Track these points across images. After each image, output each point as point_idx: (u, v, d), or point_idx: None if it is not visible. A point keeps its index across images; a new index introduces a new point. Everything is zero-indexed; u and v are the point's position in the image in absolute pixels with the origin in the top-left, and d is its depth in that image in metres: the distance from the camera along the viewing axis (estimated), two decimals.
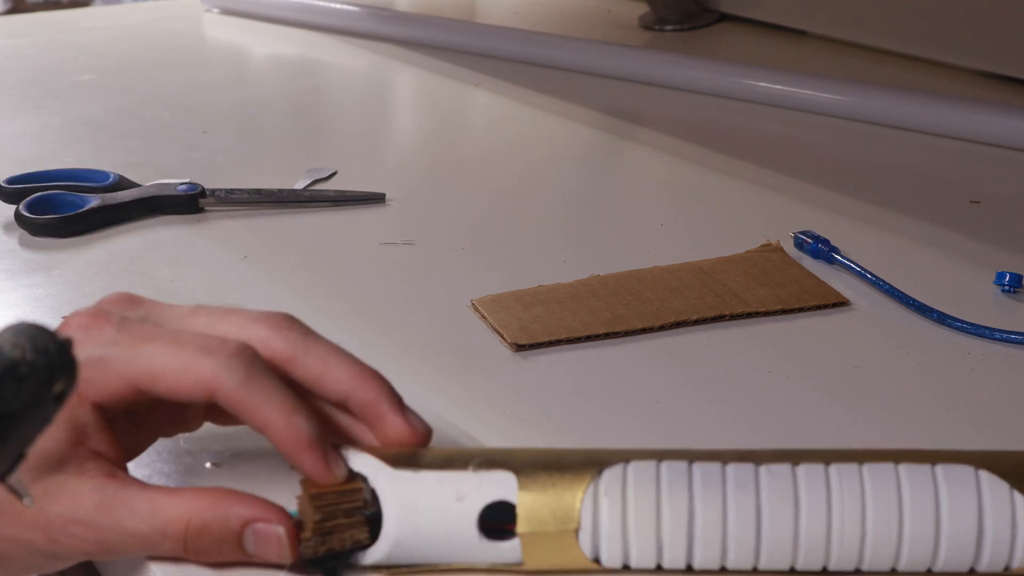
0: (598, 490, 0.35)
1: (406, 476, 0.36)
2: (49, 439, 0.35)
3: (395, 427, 0.38)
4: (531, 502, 0.35)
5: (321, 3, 1.16)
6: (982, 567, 0.35)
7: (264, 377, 0.36)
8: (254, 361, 0.36)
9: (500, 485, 0.35)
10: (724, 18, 1.18)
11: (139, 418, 0.39)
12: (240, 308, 0.39)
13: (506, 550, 0.36)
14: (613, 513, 0.35)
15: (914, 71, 0.98)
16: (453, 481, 0.36)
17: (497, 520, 0.36)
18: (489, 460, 0.36)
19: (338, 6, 1.15)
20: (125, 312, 0.38)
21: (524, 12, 1.24)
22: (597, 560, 0.35)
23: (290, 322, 0.39)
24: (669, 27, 1.16)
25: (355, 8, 1.14)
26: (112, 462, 0.37)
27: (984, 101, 0.84)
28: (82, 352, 0.35)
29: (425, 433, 0.38)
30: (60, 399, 0.29)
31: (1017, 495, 0.35)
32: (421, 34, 1.10)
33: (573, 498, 0.35)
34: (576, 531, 0.35)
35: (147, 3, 1.36)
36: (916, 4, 0.98)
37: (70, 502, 0.36)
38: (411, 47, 1.09)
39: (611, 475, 0.36)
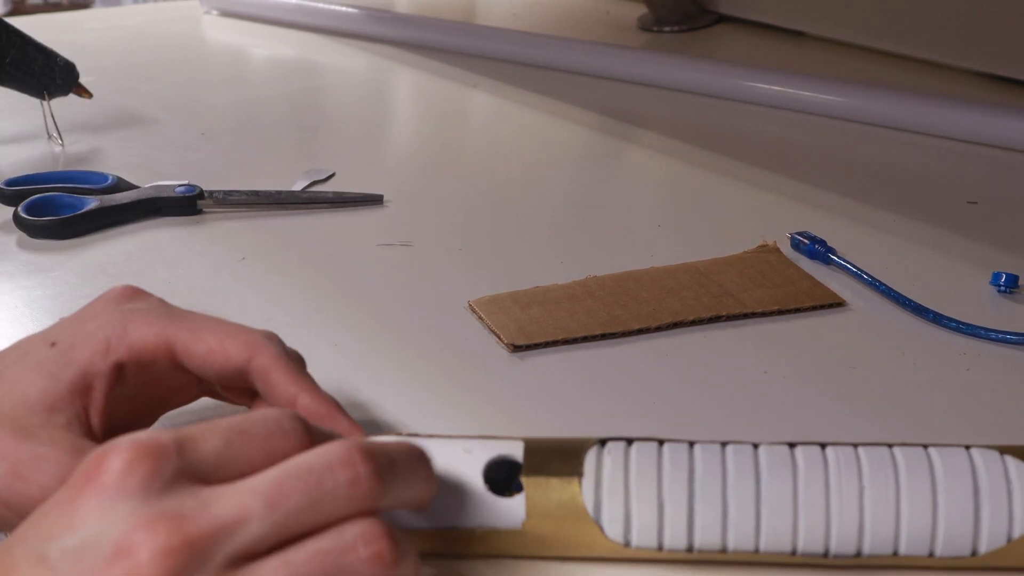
0: (602, 451, 0.37)
1: (418, 439, 0.38)
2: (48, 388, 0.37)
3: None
4: (536, 458, 0.37)
5: (320, 5, 1.17)
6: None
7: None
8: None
9: (507, 446, 0.37)
10: (722, 19, 1.18)
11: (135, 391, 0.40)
12: None
13: (510, 507, 0.37)
14: (616, 465, 0.37)
15: (911, 72, 0.98)
16: (462, 442, 0.38)
17: (505, 481, 0.37)
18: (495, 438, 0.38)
19: (336, 8, 1.16)
20: None
21: (523, 13, 1.24)
22: (599, 520, 0.36)
23: None
24: (667, 28, 1.16)
25: (353, 10, 1.15)
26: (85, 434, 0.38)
27: (982, 102, 0.84)
28: (129, 305, 0.40)
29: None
30: None
31: None
32: (419, 35, 1.10)
33: (578, 455, 0.37)
34: (580, 479, 0.36)
35: (147, 5, 1.36)
36: (914, 5, 0.98)
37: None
38: (409, 48, 1.09)
39: (614, 443, 0.37)
